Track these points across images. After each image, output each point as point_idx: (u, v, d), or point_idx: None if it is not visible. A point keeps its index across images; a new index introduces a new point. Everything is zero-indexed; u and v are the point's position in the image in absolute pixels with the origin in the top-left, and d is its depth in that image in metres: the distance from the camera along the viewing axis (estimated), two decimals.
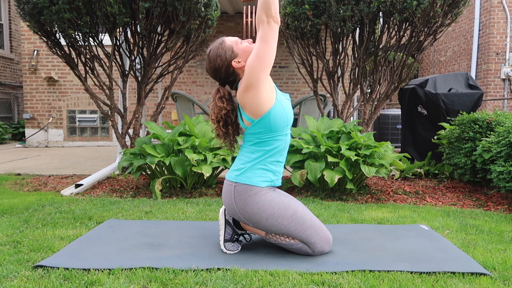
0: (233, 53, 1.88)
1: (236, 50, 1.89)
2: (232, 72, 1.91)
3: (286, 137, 1.93)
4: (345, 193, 3.31)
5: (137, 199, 3.13)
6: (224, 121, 1.93)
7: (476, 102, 4.38)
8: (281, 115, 1.86)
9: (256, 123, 1.85)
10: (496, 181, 2.96)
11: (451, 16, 3.96)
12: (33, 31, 3.87)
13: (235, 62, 1.88)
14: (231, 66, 1.89)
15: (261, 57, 1.75)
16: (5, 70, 9.19)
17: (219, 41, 1.93)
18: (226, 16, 7.63)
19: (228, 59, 1.88)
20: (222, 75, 1.92)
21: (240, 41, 1.92)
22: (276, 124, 1.85)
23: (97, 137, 7.69)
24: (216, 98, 1.93)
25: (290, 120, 1.93)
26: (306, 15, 3.79)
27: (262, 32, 1.74)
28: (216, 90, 1.96)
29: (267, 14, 1.72)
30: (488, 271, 1.71)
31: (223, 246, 1.95)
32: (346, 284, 1.58)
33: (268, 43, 1.75)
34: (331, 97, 4.34)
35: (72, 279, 1.60)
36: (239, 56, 1.88)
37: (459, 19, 8.45)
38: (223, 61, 1.88)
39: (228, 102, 1.92)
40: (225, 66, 1.89)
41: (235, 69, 1.90)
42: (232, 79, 1.93)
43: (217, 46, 1.91)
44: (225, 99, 1.92)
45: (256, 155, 1.88)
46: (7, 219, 2.49)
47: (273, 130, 1.86)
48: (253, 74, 1.77)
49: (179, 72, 4.38)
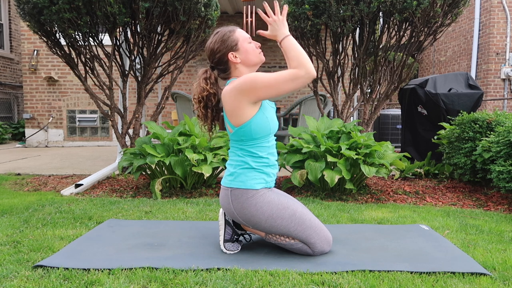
0: (235, 46, 1.87)
1: (240, 45, 1.87)
2: (225, 62, 1.89)
3: (270, 143, 1.92)
4: (345, 193, 3.31)
5: (137, 199, 3.13)
6: (205, 103, 1.90)
7: (476, 102, 4.38)
8: (262, 125, 1.84)
9: (237, 130, 1.84)
10: (496, 181, 2.96)
11: (451, 16, 3.96)
12: (33, 31, 3.87)
13: (232, 55, 1.87)
14: (227, 57, 1.87)
15: (275, 88, 1.74)
16: (5, 70, 9.19)
17: (231, 28, 1.90)
18: (226, 16, 7.63)
19: (228, 49, 1.86)
20: (215, 60, 1.90)
21: (249, 40, 1.91)
22: (258, 133, 1.84)
23: (97, 137, 7.69)
24: (201, 77, 1.91)
25: (274, 129, 1.90)
26: (306, 15, 3.79)
27: (295, 74, 1.73)
28: (203, 70, 1.93)
29: (310, 69, 1.73)
30: (488, 271, 1.71)
31: (223, 246, 1.95)
32: (346, 284, 1.57)
33: (292, 86, 1.74)
34: (331, 97, 4.34)
35: (72, 279, 1.60)
36: (239, 52, 1.87)
37: (459, 19, 8.45)
38: (222, 47, 1.86)
39: (212, 86, 1.90)
40: (222, 53, 1.87)
41: (229, 61, 1.88)
42: (223, 68, 1.91)
43: (225, 32, 1.89)
44: (209, 81, 1.89)
45: (245, 160, 1.87)
46: (7, 219, 2.49)
47: (254, 138, 1.85)
48: (253, 89, 1.75)
49: (179, 72, 4.38)
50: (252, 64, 1.91)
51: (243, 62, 1.89)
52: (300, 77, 1.73)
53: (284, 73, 1.74)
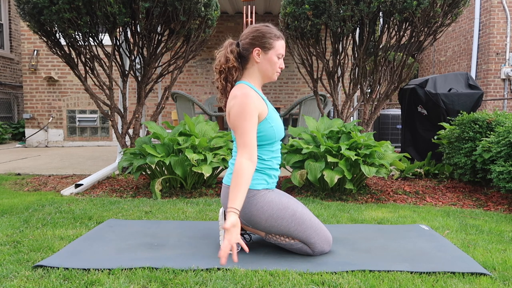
0: (268, 49, 1.84)
1: (271, 52, 1.85)
2: (248, 52, 1.85)
3: (274, 148, 1.91)
4: (345, 193, 3.31)
5: (137, 199, 3.13)
6: (226, 75, 1.86)
7: (476, 102, 4.38)
8: (267, 133, 1.84)
9: None
10: (496, 181, 2.96)
11: (451, 16, 3.96)
12: (33, 31, 3.87)
13: (257, 51, 1.84)
14: (252, 49, 1.84)
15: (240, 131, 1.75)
16: (5, 70, 9.19)
17: (279, 34, 1.87)
18: (226, 16, 7.63)
19: (261, 44, 1.84)
20: (247, 41, 1.85)
21: (280, 57, 1.88)
22: (262, 141, 1.84)
23: (97, 137, 7.69)
24: (228, 48, 1.86)
25: (279, 136, 1.89)
26: (306, 15, 3.79)
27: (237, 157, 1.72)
28: (230, 42, 1.89)
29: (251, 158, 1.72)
30: (488, 271, 1.71)
31: None
32: (346, 284, 1.57)
33: None
34: (331, 97, 4.34)
35: (72, 279, 1.60)
36: (264, 56, 1.85)
37: (459, 19, 8.45)
38: (256, 40, 1.84)
39: (236, 60, 1.85)
40: (251, 44, 1.84)
41: (251, 54, 1.85)
42: (245, 55, 1.87)
43: (274, 32, 1.86)
44: (234, 56, 1.85)
45: None
46: (7, 219, 2.49)
47: (258, 144, 1.85)
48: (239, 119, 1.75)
49: (179, 72, 4.38)
50: (264, 75, 1.90)
51: (260, 67, 1.87)
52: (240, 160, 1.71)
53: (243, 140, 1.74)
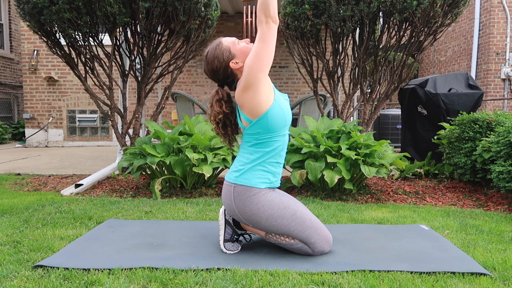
0: (230, 54, 1.87)
1: (233, 51, 1.88)
2: (230, 73, 1.90)
3: (285, 138, 1.93)
4: (345, 193, 3.31)
5: (137, 199, 3.13)
6: (223, 123, 1.93)
7: (476, 102, 4.38)
8: (279, 116, 1.85)
9: (254, 123, 1.84)
10: (496, 181, 2.96)
11: (451, 16, 3.96)
12: (33, 31, 3.87)
13: (233, 63, 1.87)
14: (229, 68, 1.88)
15: (260, 57, 1.75)
16: (5, 70, 9.19)
17: (216, 43, 1.91)
18: (226, 16, 7.63)
19: (226, 60, 1.87)
20: (221, 77, 1.92)
21: (238, 42, 1.91)
22: (274, 125, 1.85)
23: (97, 137, 7.69)
24: (214, 100, 1.93)
25: (289, 120, 1.92)
26: (306, 15, 3.79)
27: (260, 32, 1.74)
28: (214, 92, 1.95)
29: (266, 14, 1.72)
30: (488, 271, 1.71)
31: (223, 246, 1.95)
32: (346, 284, 1.57)
33: (267, 43, 1.74)
34: (331, 97, 4.34)
35: (72, 279, 1.60)
36: (237, 57, 1.88)
37: (459, 19, 8.45)
38: (220, 62, 1.88)
39: (227, 105, 1.92)
40: (223, 67, 1.88)
41: (233, 70, 1.89)
42: (231, 80, 1.93)
43: (214, 48, 1.90)
44: (223, 101, 1.91)
45: (255, 156, 1.88)
46: (7, 219, 2.49)
47: (271, 130, 1.85)
48: (252, 74, 1.76)
49: (179, 72, 4.38)
50: None
51: (245, 64, 1.89)
52: (264, 28, 1.73)
53: (259, 35, 1.75)
